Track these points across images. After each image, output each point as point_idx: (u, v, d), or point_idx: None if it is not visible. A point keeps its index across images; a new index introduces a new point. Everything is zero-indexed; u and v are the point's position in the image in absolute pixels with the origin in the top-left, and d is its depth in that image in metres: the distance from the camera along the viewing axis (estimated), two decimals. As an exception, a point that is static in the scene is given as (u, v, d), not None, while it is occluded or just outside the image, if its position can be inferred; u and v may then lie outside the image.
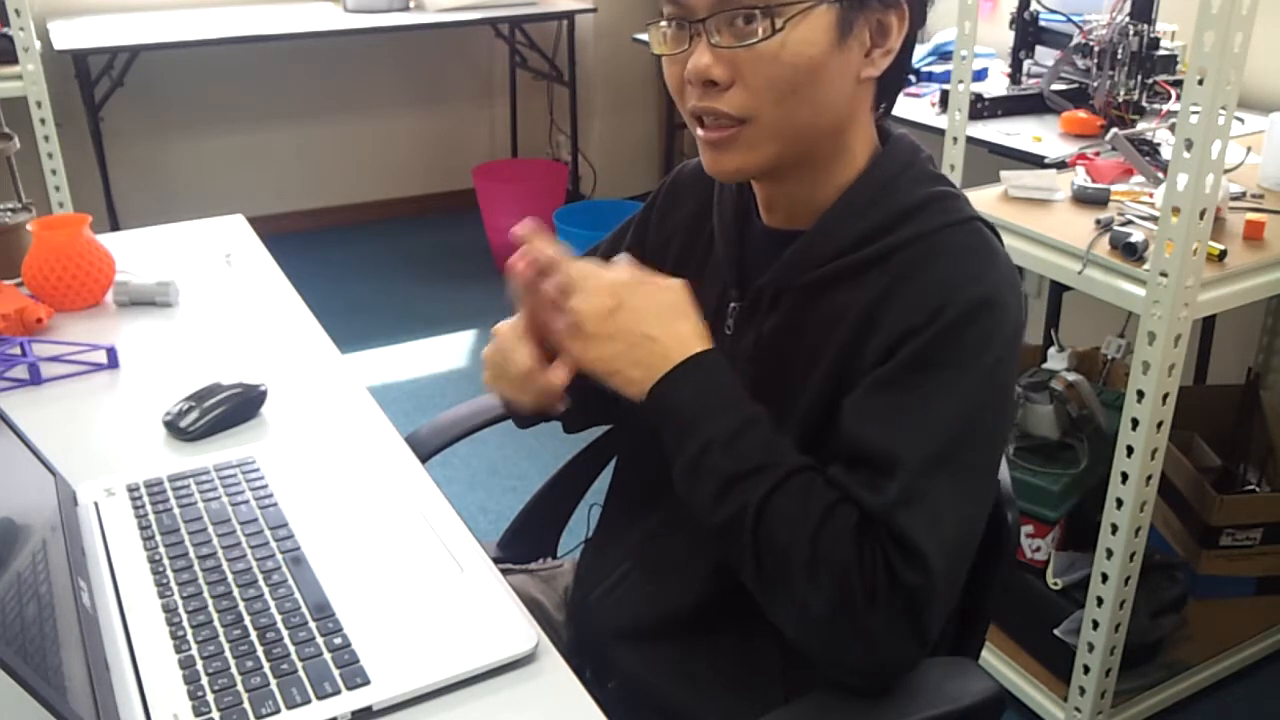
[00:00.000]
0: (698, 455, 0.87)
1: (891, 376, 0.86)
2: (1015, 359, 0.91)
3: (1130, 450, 1.56)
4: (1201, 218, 1.41)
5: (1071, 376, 1.88)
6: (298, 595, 0.91)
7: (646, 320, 0.90)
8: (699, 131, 0.91)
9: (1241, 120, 2.11)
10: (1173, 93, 2.04)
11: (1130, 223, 1.61)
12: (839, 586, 0.81)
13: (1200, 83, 1.34)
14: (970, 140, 2.00)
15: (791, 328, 0.95)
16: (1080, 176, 1.80)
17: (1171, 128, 1.60)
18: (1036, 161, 1.98)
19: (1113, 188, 1.75)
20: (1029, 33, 2.31)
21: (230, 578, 0.93)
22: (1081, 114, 2.13)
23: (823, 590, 0.82)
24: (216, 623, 0.88)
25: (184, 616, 0.89)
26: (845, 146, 0.94)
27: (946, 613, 0.86)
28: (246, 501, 1.05)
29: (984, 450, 0.89)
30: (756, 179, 0.97)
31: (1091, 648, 1.72)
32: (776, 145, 0.90)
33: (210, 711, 0.79)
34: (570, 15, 3.78)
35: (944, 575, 0.83)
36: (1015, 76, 2.35)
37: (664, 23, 0.90)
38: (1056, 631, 1.84)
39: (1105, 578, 1.65)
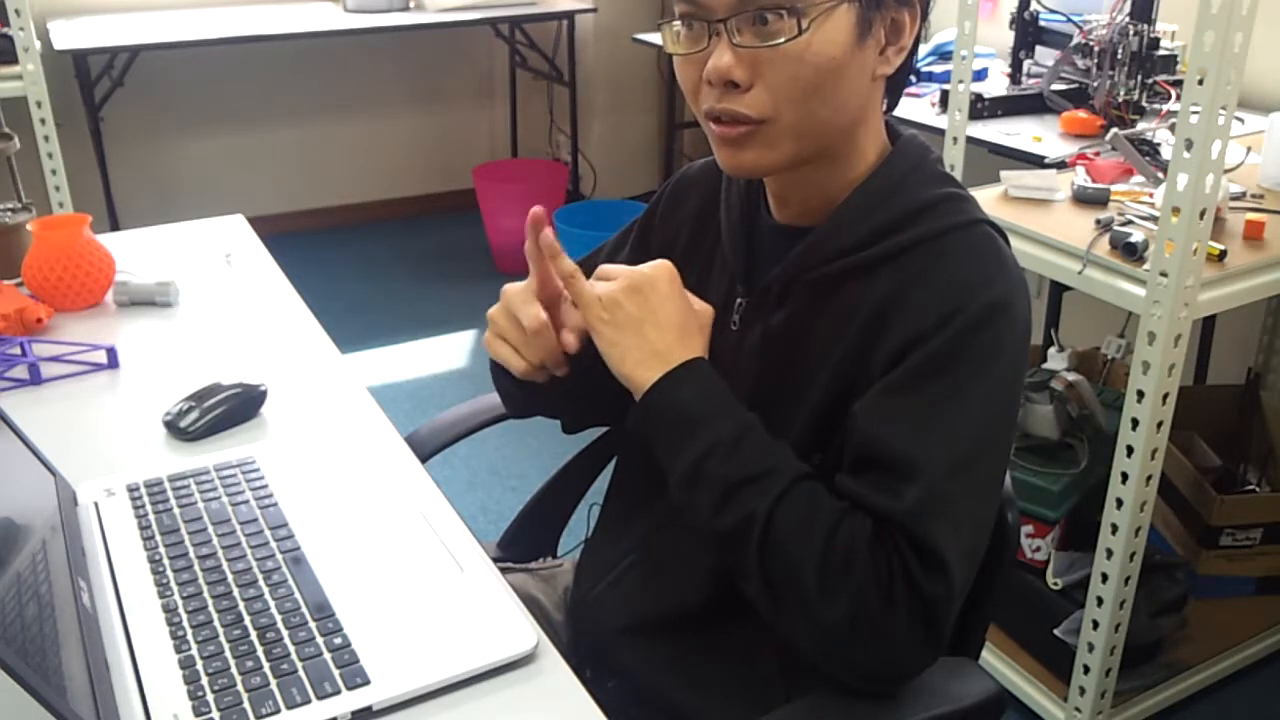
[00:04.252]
0: (698, 461, 0.86)
1: (905, 381, 0.86)
2: (1025, 362, 0.91)
3: (1130, 450, 1.56)
4: (1201, 218, 1.41)
5: (1071, 376, 1.87)
6: (298, 595, 0.91)
7: (657, 316, 0.90)
8: (713, 127, 0.90)
9: (1241, 120, 2.11)
10: (1173, 93, 2.04)
11: (1130, 223, 1.61)
12: (854, 595, 0.81)
13: (1200, 83, 1.34)
14: (970, 140, 2.00)
15: (799, 323, 0.95)
16: (1080, 176, 1.80)
17: (1171, 128, 1.60)
18: (1036, 161, 1.98)
19: (1113, 188, 1.75)
20: (1029, 33, 2.31)
21: (230, 578, 0.93)
22: (1081, 114, 2.13)
23: (837, 599, 0.81)
24: (216, 623, 0.88)
25: (184, 616, 0.89)
26: (857, 143, 0.94)
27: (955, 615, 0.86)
28: (246, 501, 1.05)
29: (998, 454, 0.89)
30: (771, 175, 0.97)
31: (1091, 648, 1.72)
32: (794, 144, 0.89)
33: (210, 711, 0.79)
34: (570, 15, 3.78)
35: (961, 582, 0.83)
36: (1015, 76, 2.35)
37: (677, 22, 0.89)
38: (1056, 631, 1.84)
39: (1105, 578, 1.65)
